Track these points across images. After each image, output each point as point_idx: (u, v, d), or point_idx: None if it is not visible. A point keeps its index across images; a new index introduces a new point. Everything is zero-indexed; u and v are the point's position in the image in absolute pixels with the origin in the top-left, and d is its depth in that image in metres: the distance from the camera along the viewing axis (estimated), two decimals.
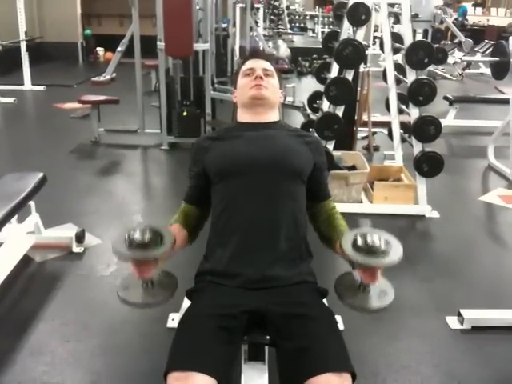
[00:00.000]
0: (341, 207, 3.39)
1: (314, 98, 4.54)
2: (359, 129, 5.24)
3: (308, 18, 19.38)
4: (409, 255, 3.23)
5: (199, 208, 1.77)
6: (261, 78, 1.74)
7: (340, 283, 1.56)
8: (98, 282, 2.82)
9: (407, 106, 3.94)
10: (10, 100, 7.29)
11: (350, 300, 1.50)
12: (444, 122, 4.21)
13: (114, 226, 3.54)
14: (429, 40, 6.26)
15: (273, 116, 1.79)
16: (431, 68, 9.33)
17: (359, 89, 5.11)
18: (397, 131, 4.14)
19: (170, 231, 1.53)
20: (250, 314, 1.50)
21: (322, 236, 1.78)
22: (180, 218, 1.74)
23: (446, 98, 6.50)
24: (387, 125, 4.61)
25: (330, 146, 3.79)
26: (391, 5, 4.13)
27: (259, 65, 1.78)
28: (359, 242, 1.42)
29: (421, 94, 3.66)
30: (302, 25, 18.85)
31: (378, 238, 1.42)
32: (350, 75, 3.69)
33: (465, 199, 4.29)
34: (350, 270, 1.57)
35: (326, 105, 3.93)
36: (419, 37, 5.36)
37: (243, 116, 1.79)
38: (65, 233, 3.21)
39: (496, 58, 4.73)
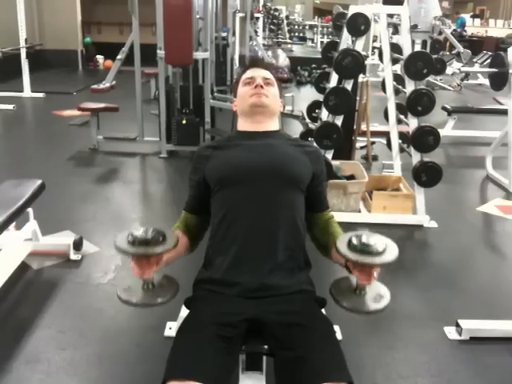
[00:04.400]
0: (339, 216, 3.39)
1: (313, 107, 4.55)
2: (358, 138, 5.25)
3: (307, 27, 19.51)
4: (407, 265, 3.26)
5: (200, 217, 1.77)
6: (261, 86, 1.74)
7: (336, 286, 1.54)
8: (96, 290, 2.81)
9: (406, 116, 3.95)
10: (10, 107, 7.30)
11: (346, 303, 1.47)
12: (442, 133, 4.21)
13: (112, 233, 3.54)
14: (427, 51, 6.28)
15: (273, 125, 1.79)
16: (430, 78, 9.37)
17: (358, 98, 5.12)
18: (395, 141, 4.15)
19: (173, 232, 1.52)
20: (249, 323, 1.49)
21: (319, 244, 1.78)
22: (182, 225, 1.74)
23: (444, 109, 6.52)
24: (386, 134, 4.63)
25: (329, 155, 3.80)
26: (390, 15, 4.15)
27: (259, 74, 1.79)
28: (354, 241, 1.40)
29: (419, 104, 3.67)
30: (302, 34, 18.96)
31: (373, 238, 1.41)
32: (349, 85, 3.70)
33: (463, 209, 4.30)
34: (346, 275, 1.57)
35: (324, 114, 3.94)
36: (418, 47, 5.37)
37: (243, 125, 1.80)
38: (62, 240, 3.21)
39: (494, 69, 4.74)
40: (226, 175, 1.66)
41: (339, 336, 2.26)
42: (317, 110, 4.35)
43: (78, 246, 3.13)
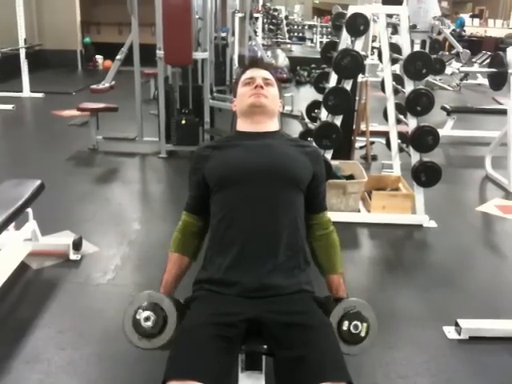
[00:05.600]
0: (338, 216, 3.45)
1: (313, 107, 4.55)
2: (357, 138, 5.26)
3: (307, 27, 19.53)
4: (406, 265, 3.26)
5: (201, 217, 1.77)
6: (261, 87, 1.74)
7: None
8: (95, 290, 2.81)
9: (405, 116, 3.95)
10: (9, 107, 7.29)
11: None
12: (442, 132, 4.22)
13: (112, 233, 3.54)
14: (427, 51, 6.29)
15: (272, 125, 1.79)
16: (429, 78, 9.37)
17: (357, 98, 5.13)
18: (395, 141, 4.15)
19: (171, 305, 1.55)
20: (248, 323, 1.49)
21: (314, 254, 1.80)
22: (181, 242, 1.75)
23: (443, 109, 6.52)
24: (385, 134, 4.63)
25: (328, 155, 3.80)
26: (389, 15, 4.15)
27: (259, 74, 1.79)
28: (344, 327, 1.56)
29: (419, 104, 3.68)
30: (301, 34, 18.99)
31: (360, 324, 1.56)
32: (348, 85, 3.70)
33: (462, 209, 4.29)
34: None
35: (324, 114, 3.94)
36: (417, 47, 5.38)
37: (242, 125, 1.79)
38: (62, 240, 3.20)
39: (493, 69, 4.75)
40: (225, 176, 1.66)
41: None
42: (316, 110, 4.36)
43: (77, 246, 3.12)
